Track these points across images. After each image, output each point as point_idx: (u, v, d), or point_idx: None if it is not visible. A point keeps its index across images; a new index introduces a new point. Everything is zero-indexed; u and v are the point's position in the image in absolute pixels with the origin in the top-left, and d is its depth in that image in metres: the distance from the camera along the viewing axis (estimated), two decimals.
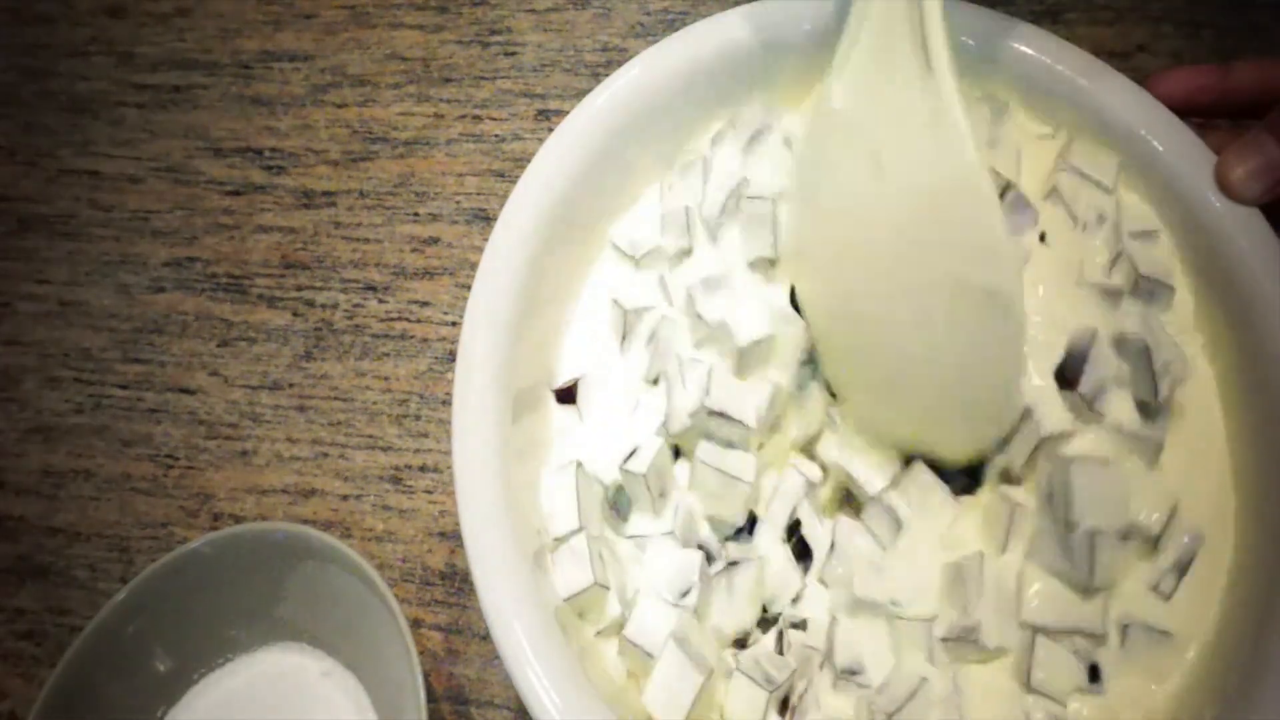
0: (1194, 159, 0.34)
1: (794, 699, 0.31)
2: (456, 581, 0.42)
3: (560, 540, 0.32)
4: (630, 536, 0.34)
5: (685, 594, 0.32)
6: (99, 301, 0.51)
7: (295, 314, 0.49)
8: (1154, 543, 0.31)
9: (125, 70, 0.57)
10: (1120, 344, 0.32)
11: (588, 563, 0.31)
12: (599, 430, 0.35)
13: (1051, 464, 0.32)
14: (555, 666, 0.29)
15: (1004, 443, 0.33)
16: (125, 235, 0.53)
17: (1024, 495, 0.32)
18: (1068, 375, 0.32)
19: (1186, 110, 0.35)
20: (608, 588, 0.32)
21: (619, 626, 0.32)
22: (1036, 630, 0.30)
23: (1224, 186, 0.32)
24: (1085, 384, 0.32)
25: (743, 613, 0.33)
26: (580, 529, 0.32)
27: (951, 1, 0.37)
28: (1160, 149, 0.34)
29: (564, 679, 0.28)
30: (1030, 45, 0.36)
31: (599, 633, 0.32)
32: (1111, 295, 0.34)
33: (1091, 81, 0.36)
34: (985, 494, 0.33)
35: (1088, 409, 0.32)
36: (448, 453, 0.33)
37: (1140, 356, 0.32)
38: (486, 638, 0.40)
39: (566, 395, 0.36)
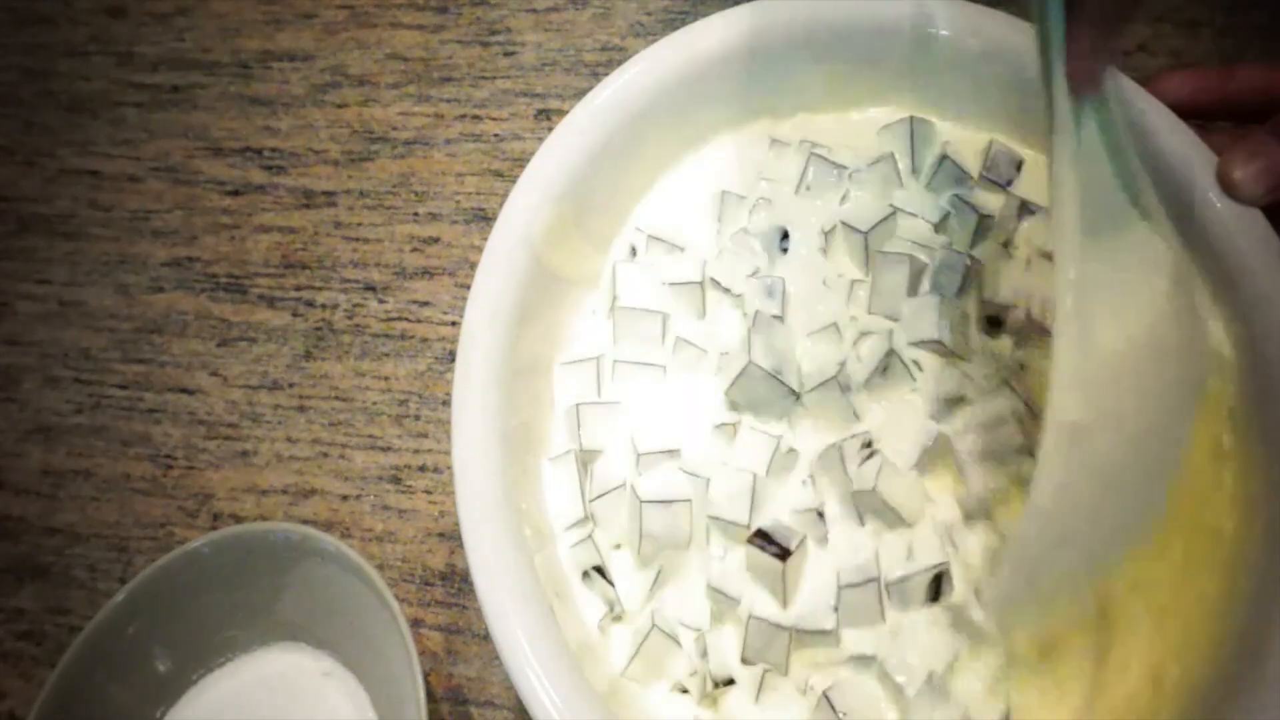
0: (1195, 159, 0.34)
1: None
2: (456, 582, 0.42)
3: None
4: None
5: None
6: (99, 301, 0.51)
7: (295, 314, 0.49)
8: None
9: (125, 70, 0.57)
10: None
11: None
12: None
13: None
14: (555, 666, 0.29)
15: None
16: (125, 235, 0.53)
17: None
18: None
19: (1189, 111, 0.35)
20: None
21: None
22: None
23: (1226, 187, 0.32)
24: None
25: None
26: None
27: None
28: (1161, 149, 0.34)
29: (564, 679, 0.28)
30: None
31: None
32: None
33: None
34: None
35: None
36: (448, 453, 0.33)
37: None
38: (486, 638, 0.39)
39: None
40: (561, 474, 0.34)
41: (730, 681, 0.31)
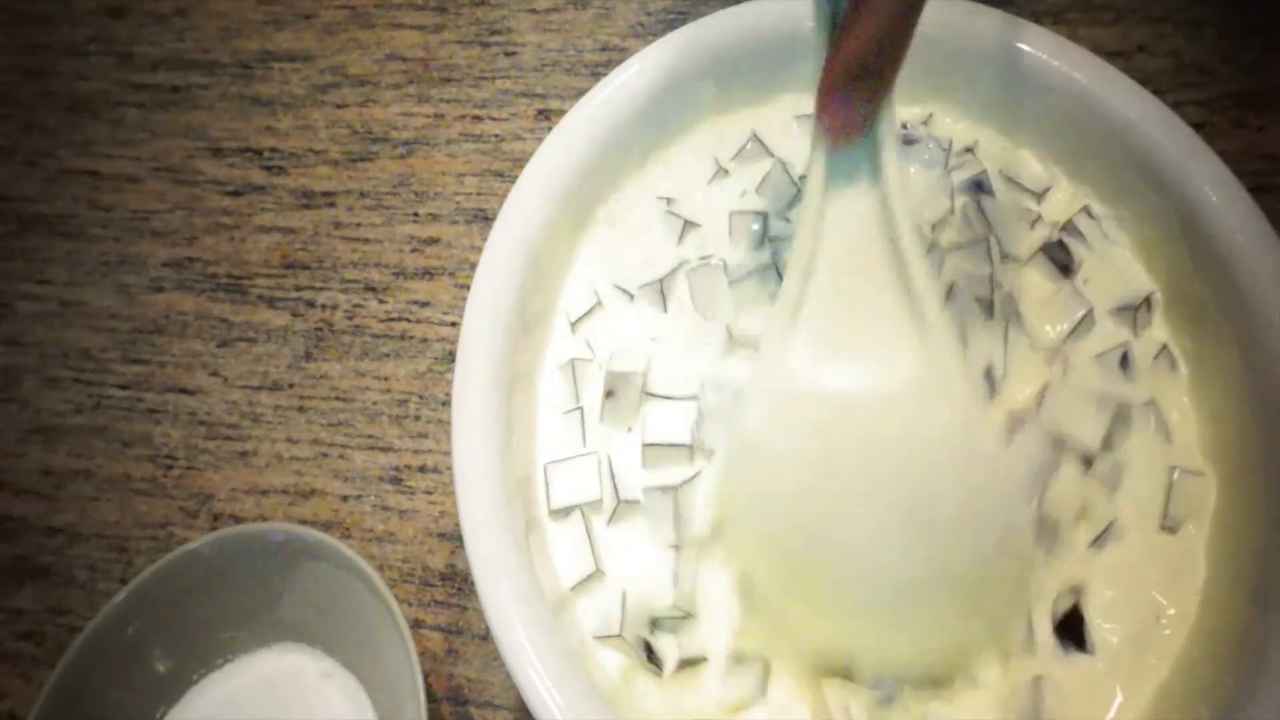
0: (1194, 157, 0.34)
1: None
2: (456, 582, 0.42)
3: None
4: None
5: None
6: (99, 301, 0.51)
7: (295, 314, 0.49)
8: None
9: (125, 70, 0.57)
10: None
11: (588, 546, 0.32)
12: None
13: None
14: (556, 666, 0.29)
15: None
16: (125, 235, 0.53)
17: None
18: None
19: None
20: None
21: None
22: None
23: None
24: None
25: None
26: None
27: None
28: (1160, 148, 0.34)
29: (565, 678, 0.28)
30: (1030, 44, 0.36)
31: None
32: None
33: (1092, 80, 0.36)
34: None
35: None
36: (448, 453, 0.33)
37: None
38: (486, 638, 0.40)
39: None
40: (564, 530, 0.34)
41: None
